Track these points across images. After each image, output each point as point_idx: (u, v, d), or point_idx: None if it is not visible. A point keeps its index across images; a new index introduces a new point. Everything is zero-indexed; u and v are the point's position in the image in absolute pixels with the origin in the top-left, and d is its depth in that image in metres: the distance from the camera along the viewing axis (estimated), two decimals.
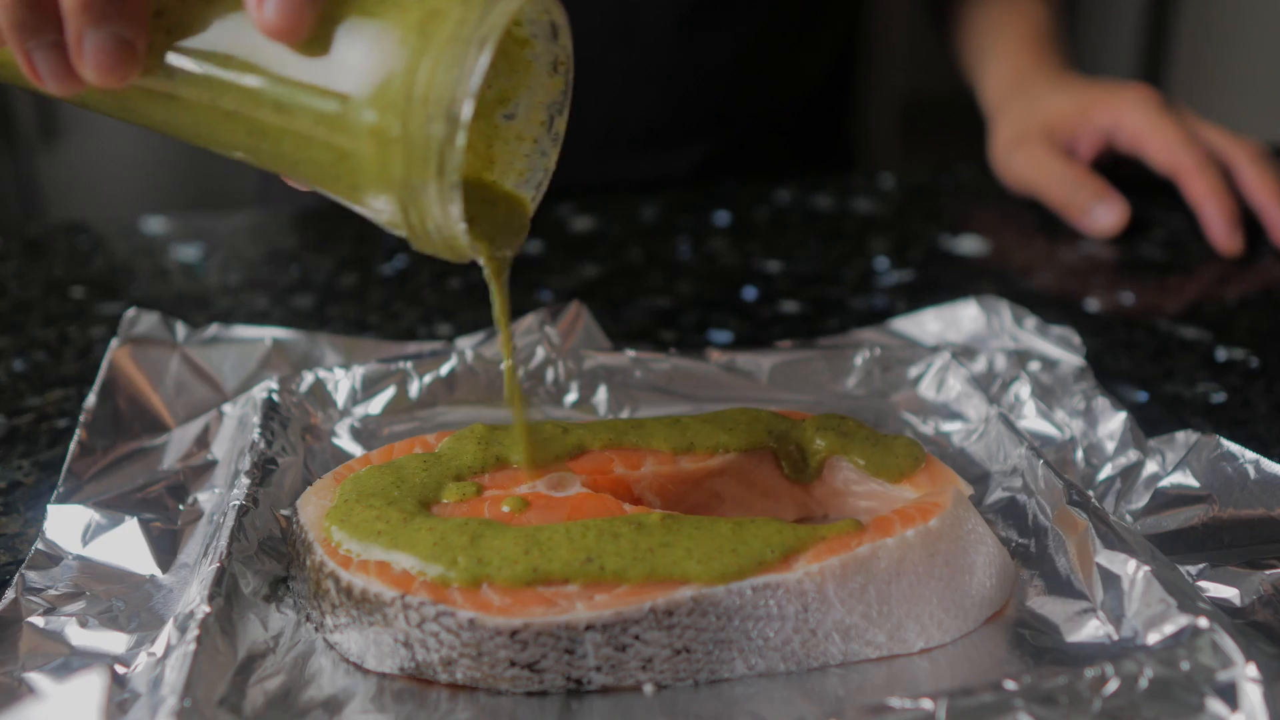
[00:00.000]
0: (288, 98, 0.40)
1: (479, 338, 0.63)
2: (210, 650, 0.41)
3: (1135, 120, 0.90)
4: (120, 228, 0.92)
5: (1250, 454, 0.51)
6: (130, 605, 0.46)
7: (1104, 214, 0.89)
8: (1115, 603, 0.44)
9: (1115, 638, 0.44)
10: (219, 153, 0.44)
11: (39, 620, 0.44)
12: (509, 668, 0.42)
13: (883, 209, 0.97)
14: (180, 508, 0.52)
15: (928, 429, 0.61)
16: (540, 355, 0.62)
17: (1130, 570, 0.44)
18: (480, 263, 0.46)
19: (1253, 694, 0.38)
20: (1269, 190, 0.87)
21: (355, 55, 0.39)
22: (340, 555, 0.45)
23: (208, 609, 0.42)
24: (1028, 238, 0.91)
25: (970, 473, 0.56)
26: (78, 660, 0.43)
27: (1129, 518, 0.51)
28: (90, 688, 0.39)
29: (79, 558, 0.48)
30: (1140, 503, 0.52)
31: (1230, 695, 0.39)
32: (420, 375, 0.60)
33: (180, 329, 0.63)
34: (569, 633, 0.42)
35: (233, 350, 0.63)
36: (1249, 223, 0.87)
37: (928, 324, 0.69)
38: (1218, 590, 0.46)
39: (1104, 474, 0.55)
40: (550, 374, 0.61)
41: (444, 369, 0.61)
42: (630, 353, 0.62)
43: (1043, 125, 0.95)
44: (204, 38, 0.41)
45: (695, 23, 1.00)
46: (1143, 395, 0.65)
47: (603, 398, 0.61)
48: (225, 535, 0.46)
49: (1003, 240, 0.91)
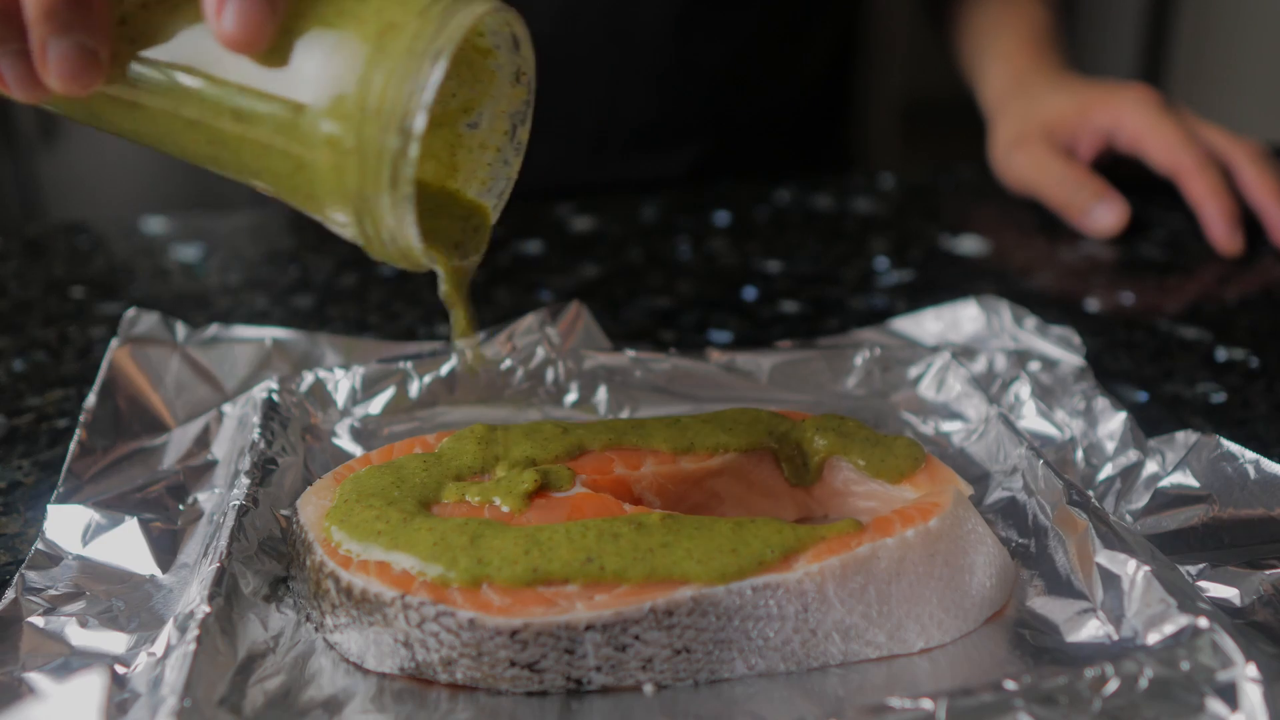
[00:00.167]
0: (246, 107, 0.41)
1: (479, 337, 0.63)
2: (210, 650, 0.41)
3: (1135, 120, 0.91)
4: (120, 228, 0.92)
5: (1250, 454, 0.51)
6: (130, 605, 0.46)
7: (1104, 214, 0.89)
8: (1115, 603, 0.44)
9: (1115, 638, 0.44)
10: (185, 160, 0.44)
11: (39, 620, 0.44)
12: (509, 668, 0.42)
13: (883, 209, 0.97)
14: (180, 508, 0.52)
15: (928, 429, 0.61)
16: (540, 355, 0.62)
17: (1130, 570, 0.44)
18: (438, 272, 0.47)
19: (1253, 694, 0.38)
20: (1269, 190, 0.87)
21: (313, 66, 0.40)
22: (340, 555, 0.45)
23: (208, 609, 0.42)
24: (1028, 238, 0.91)
25: (970, 473, 0.56)
26: (78, 660, 0.43)
27: (1129, 518, 0.51)
28: (90, 688, 0.39)
29: (79, 558, 0.48)
30: (1140, 503, 0.52)
31: (1230, 695, 0.39)
32: (420, 375, 0.60)
33: (180, 329, 0.63)
34: (569, 633, 0.42)
35: (233, 350, 0.63)
36: (1249, 223, 0.87)
37: (928, 324, 0.69)
38: (1218, 590, 0.46)
39: (1104, 474, 0.55)
40: (550, 374, 0.61)
41: (444, 369, 0.61)
42: (630, 353, 0.62)
43: (1042, 125, 0.95)
44: (166, 47, 0.41)
45: (691, 23, 1.00)
46: (1143, 395, 0.65)
47: (603, 398, 0.61)
48: (225, 535, 0.46)
49: (1003, 240, 0.91)
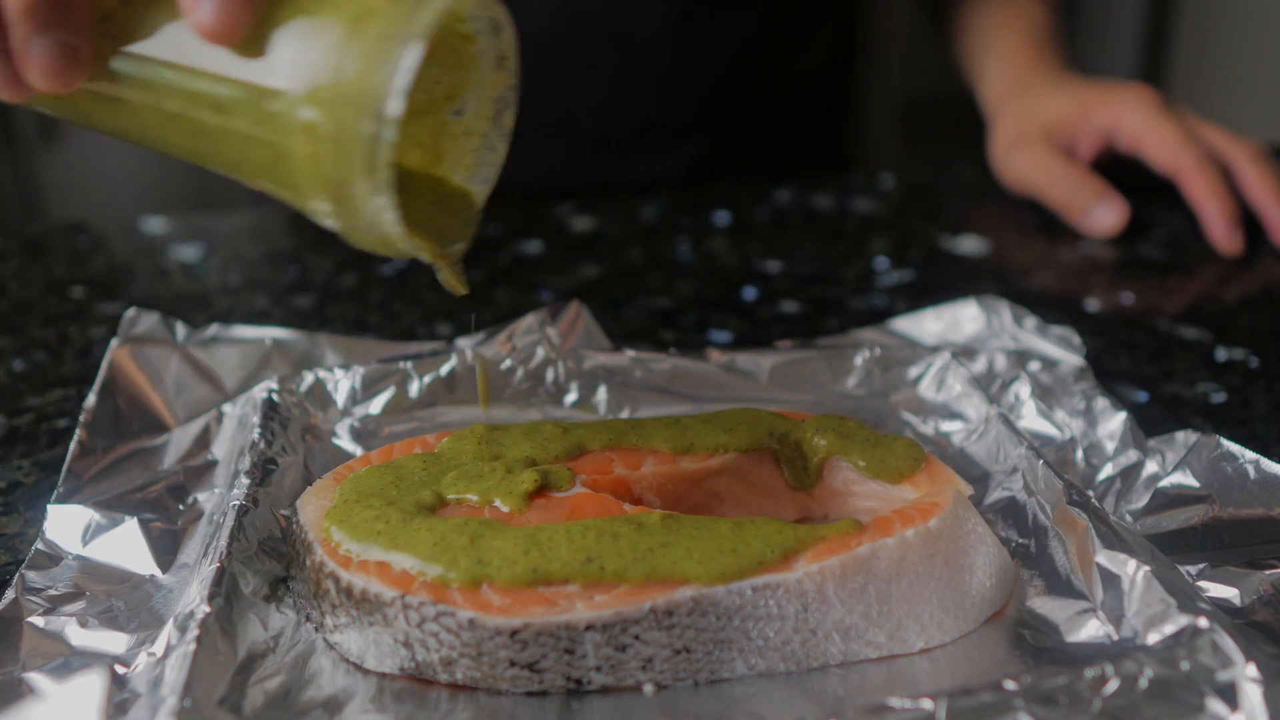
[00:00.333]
0: (225, 97, 0.41)
1: (479, 338, 0.63)
2: (210, 650, 0.41)
3: (1135, 120, 0.91)
4: (120, 228, 0.92)
5: (1250, 454, 0.51)
6: (130, 605, 0.46)
7: (1104, 214, 0.89)
8: (1115, 603, 0.44)
9: (1115, 638, 0.44)
10: (170, 154, 0.44)
11: (39, 620, 0.44)
12: (509, 668, 0.42)
13: (883, 209, 0.97)
14: (180, 508, 0.52)
15: (928, 429, 0.61)
16: (540, 355, 0.62)
17: (1130, 570, 0.44)
18: (423, 260, 0.46)
19: (1253, 694, 0.38)
20: (1269, 190, 0.87)
21: (289, 54, 0.40)
22: (340, 555, 0.45)
23: (208, 609, 0.42)
24: (1028, 238, 0.91)
25: (970, 473, 0.56)
26: (78, 660, 0.43)
27: (1129, 518, 0.51)
28: (90, 688, 0.39)
29: (79, 558, 0.48)
30: (1140, 503, 0.52)
31: (1230, 695, 0.39)
32: (420, 375, 0.60)
33: (180, 329, 0.63)
34: (569, 633, 0.42)
35: (233, 350, 0.63)
36: (1249, 223, 0.87)
37: (928, 324, 0.69)
38: (1218, 590, 0.46)
39: (1104, 474, 0.55)
40: (550, 374, 0.61)
41: (444, 369, 0.61)
42: (630, 353, 0.62)
43: (1042, 126, 0.95)
44: (147, 42, 0.42)
45: (691, 23, 1.00)
46: (1143, 395, 0.65)
47: (603, 398, 0.61)
48: (225, 535, 0.46)
49: (1003, 240, 0.91)
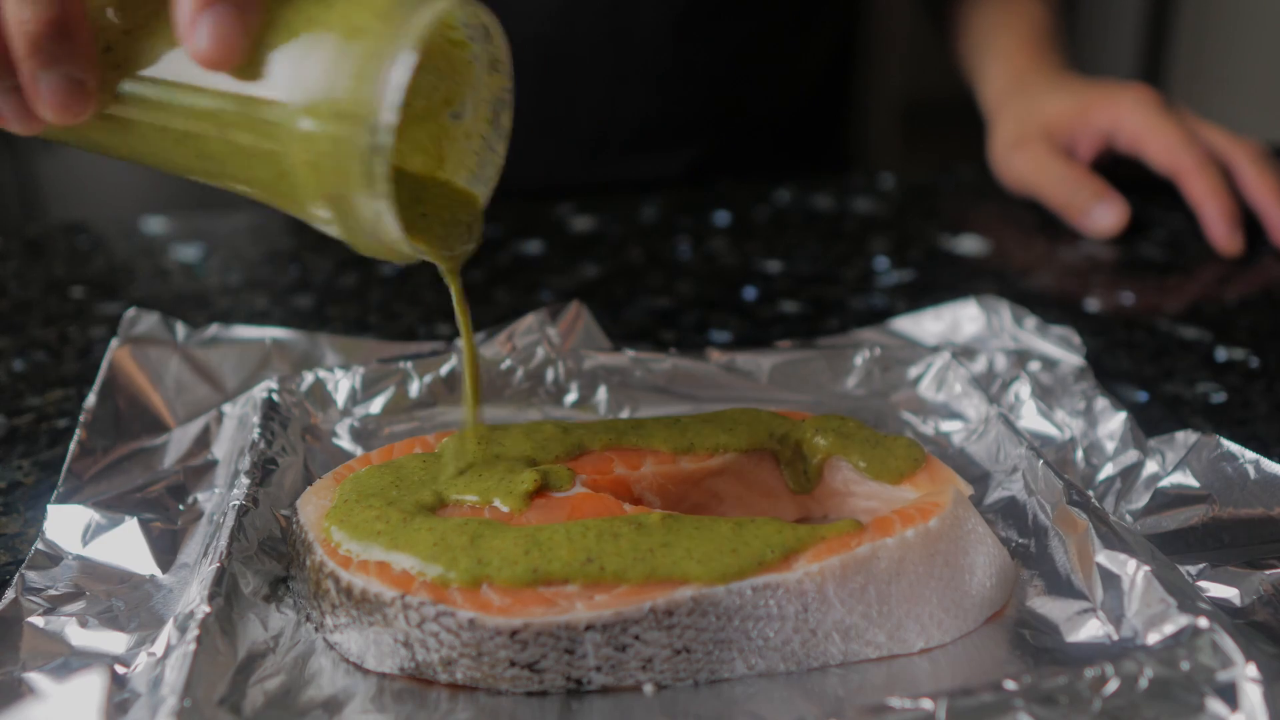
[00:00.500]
0: (228, 121, 0.42)
1: (479, 338, 0.63)
2: (210, 650, 0.41)
3: (1135, 120, 0.91)
4: (120, 228, 0.92)
5: (1250, 454, 0.51)
6: (130, 605, 0.46)
7: (1104, 214, 0.89)
8: (1115, 603, 0.44)
9: (1115, 638, 0.44)
10: (178, 175, 0.45)
11: (39, 620, 0.44)
12: (509, 668, 0.42)
13: (883, 209, 0.97)
14: (180, 508, 0.52)
15: (928, 429, 0.61)
16: (540, 355, 0.62)
17: (1130, 570, 0.44)
18: (430, 260, 0.47)
19: (1253, 694, 0.38)
20: (1269, 190, 0.87)
21: (285, 76, 0.40)
22: (340, 555, 0.45)
23: (208, 609, 0.42)
24: (1028, 238, 0.91)
25: (970, 473, 0.56)
26: (78, 660, 0.43)
27: (1129, 518, 0.51)
28: (90, 688, 0.39)
29: (79, 558, 0.48)
30: (1140, 503, 0.52)
31: (1230, 695, 0.39)
32: (420, 375, 0.60)
33: (180, 329, 0.63)
34: (569, 633, 0.42)
35: (233, 350, 0.63)
36: (1249, 223, 0.87)
37: (928, 324, 0.69)
38: (1218, 590, 0.46)
39: (1104, 474, 0.55)
40: (550, 374, 0.61)
41: (444, 369, 0.61)
42: (630, 353, 0.62)
43: (1042, 126, 0.95)
44: (150, 70, 0.43)
45: (692, 23, 1.00)
46: (1143, 395, 0.65)
47: (603, 398, 0.61)
48: (225, 535, 0.46)
49: (1003, 240, 0.91)
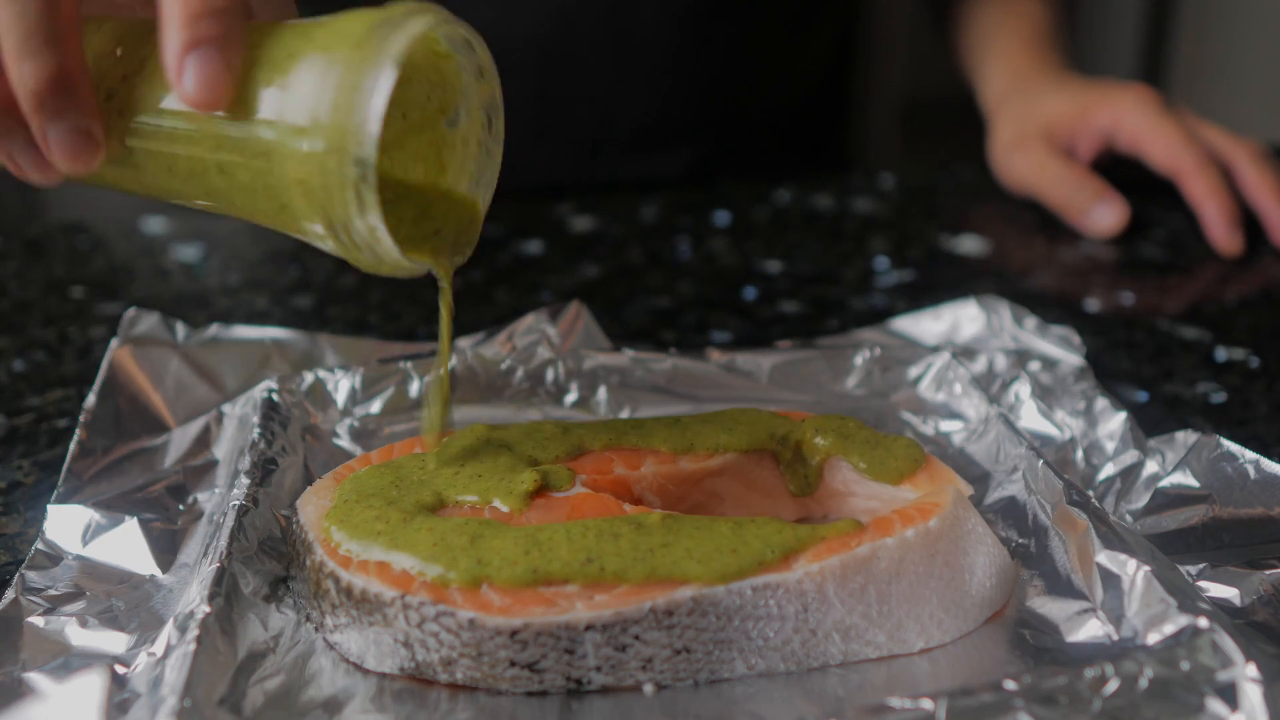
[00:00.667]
0: (226, 160, 0.43)
1: (479, 338, 0.63)
2: (210, 650, 0.41)
3: (1135, 120, 0.91)
4: (120, 228, 0.92)
5: (1250, 454, 0.51)
6: (130, 605, 0.46)
7: (1104, 214, 0.89)
8: (1115, 603, 0.44)
9: (1115, 638, 0.44)
10: (193, 209, 0.47)
11: (39, 620, 0.44)
12: (509, 668, 0.42)
13: (883, 209, 0.97)
14: (180, 508, 0.52)
15: (928, 429, 0.61)
16: (540, 355, 0.62)
17: (1130, 570, 0.44)
18: (433, 273, 0.49)
19: (1253, 694, 0.38)
20: (1269, 191, 0.87)
21: (272, 111, 0.41)
22: (340, 555, 0.45)
23: (208, 609, 0.42)
24: (1028, 238, 0.91)
25: (970, 473, 0.56)
26: (78, 660, 0.43)
27: (1129, 518, 0.51)
28: (90, 688, 0.39)
29: (79, 558, 0.48)
30: (1140, 503, 0.52)
31: (1230, 695, 0.39)
32: (420, 375, 0.60)
33: (180, 329, 0.63)
34: (569, 633, 0.42)
35: (233, 350, 0.63)
36: (1249, 223, 0.87)
37: (928, 324, 0.69)
38: (1218, 590, 0.46)
39: (1104, 474, 0.55)
40: (550, 374, 0.61)
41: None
42: (630, 353, 0.62)
43: (1042, 126, 0.95)
44: (150, 112, 0.44)
45: (692, 23, 1.00)
46: (1143, 395, 0.65)
47: (603, 398, 0.61)
48: (225, 535, 0.46)
49: (1003, 240, 0.91)
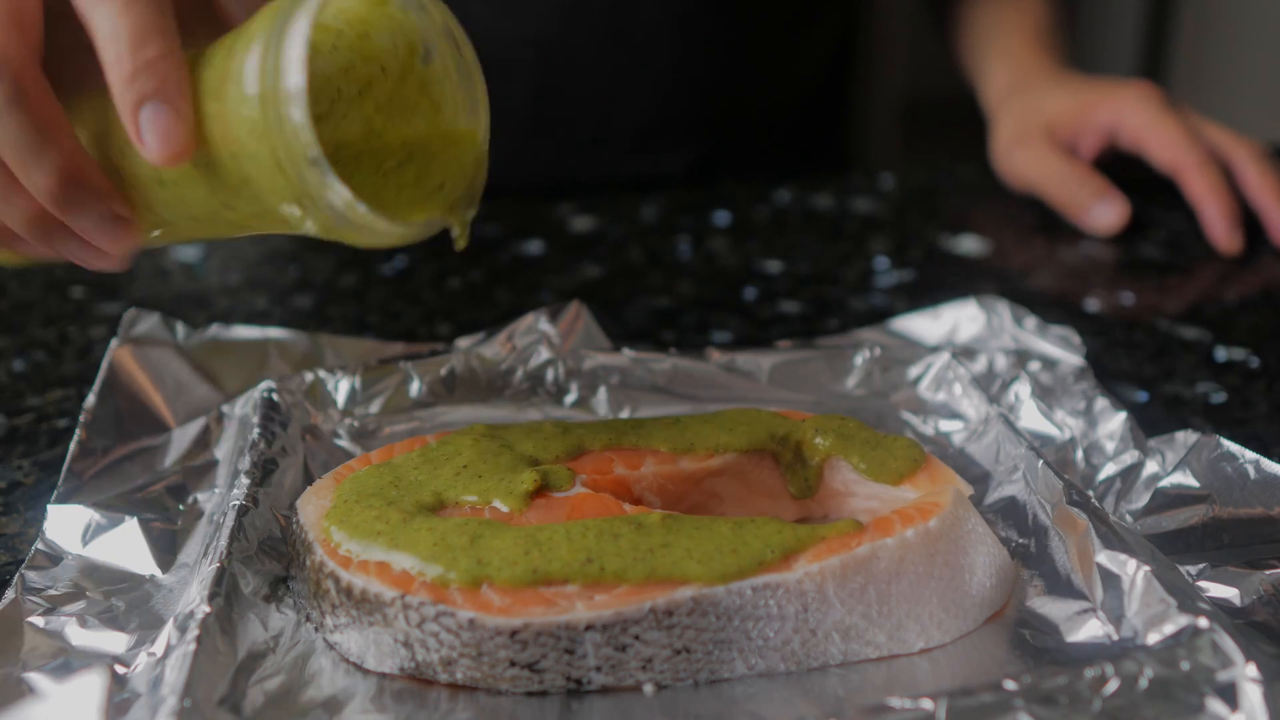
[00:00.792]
0: (225, 201, 0.43)
1: (479, 338, 0.63)
2: (210, 650, 0.41)
3: (1137, 117, 0.91)
4: None
5: (1250, 454, 0.51)
6: (130, 605, 0.46)
7: (1105, 212, 0.89)
8: (1115, 603, 0.44)
9: (1115, 638, 0.44)
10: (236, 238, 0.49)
11: (39, 620, 0.44)
12: (509, 668, 0.42)
13: (883, 209, 0.97)
14: (180, 508, 0.52)
15: (928, 429, 0.61)
16: (540, 355, 0.62)
17: (1130, 570, 0.44)
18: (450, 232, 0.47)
19: (1253, 694, 0.38)
20: (1270, 190, 0.87)
21: (229, 134, 0.41)
22: (340, 555, 0.45)
23: (208, 609, 0.42)
24: (1028, 238, 0.91)
25: (970, 473, 0.56)
26: (78, 660, 0.43)
27: (1129, 518, 0.51)
28: (90, 688, 0.39)
29: (79, 558, 0.48)
30: (1140, 503, 0.52)
31: (1230, 695, 0.39)
32: (420, 375, 0.60)
33: (180, 329, 0.63)
34: (569, 633, 0.42)
35: (233, 350, 0.63)
36: (1249, 223, 0.87)
37: (928, 324, 0.69)
38: (1218, 590, 0.46)
39: (1104, 474, 0.55)
40: (550, 374, 0.61)
41: (444, 369, 0.61)
42: (630, 353, 0.62)
43: (1044, 124, 0.95)
44: (150, 178, 0.45)
45: (693, 23, 1.00)
46: (1143, 395, 0.65)
47: (603, 398, 0.61)
48: (225, 535, 0.46)
49: (1003, 240, 0.91)
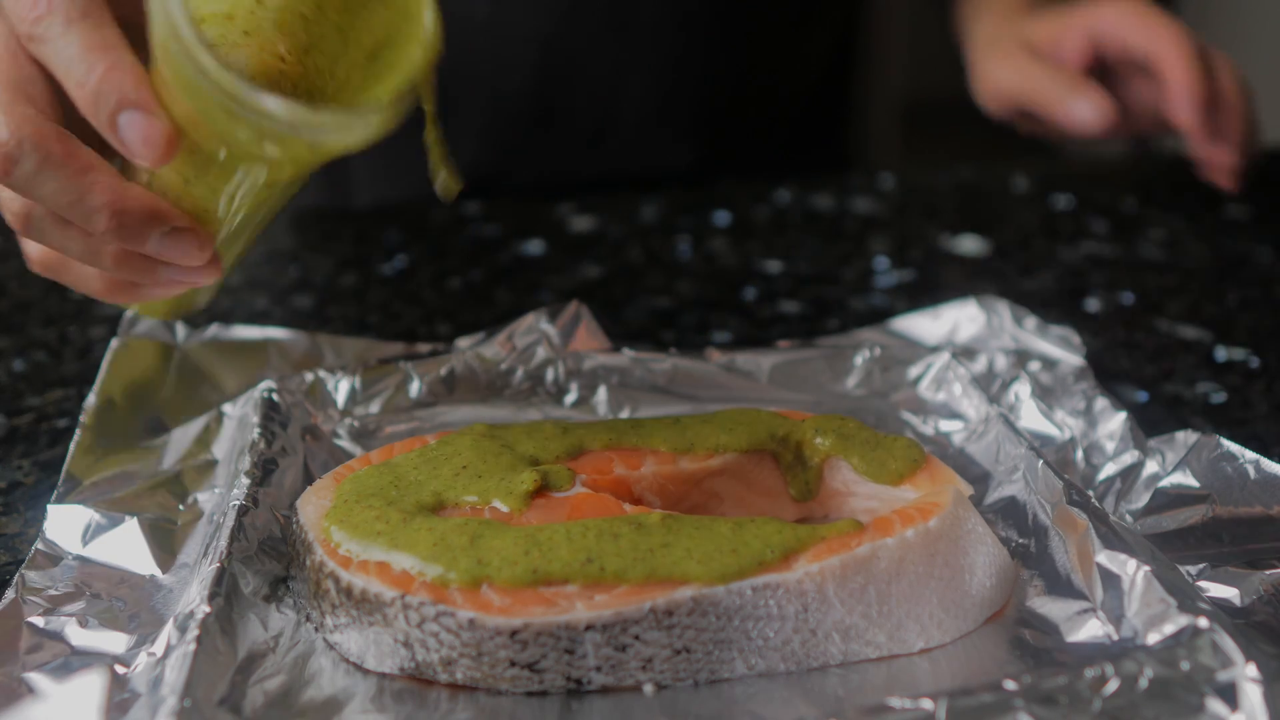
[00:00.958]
0: (240, 172, 0.45)
1: (479, 337, 0.63)
2: (210, 650, 0.41)
3: (1117, 12, 0.87)
4: None
5: (1250, 454, 0.51)
6: (130, 605, 0.46)
7: (1086, 107, 0.85)
8: (1115, 603, 0.44)
9: (1115, 638, 0.44)
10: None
11: (39, 620, 0.44)
12: (509, 668, 0.42)
13: (883, 209, 0.97)
14: (180, 508, 0.52)
15: (928, 429, 0.61)
16: (540, 355, 0.62)
17: (1130, 570, 0.44)
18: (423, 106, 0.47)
19: (1253, 694, 0.38)
20: (1235, 99, 0.84)
21: (197, 118, 0.42)
22: (340, 555, 0.45)
23: (208, 609, 0.42)
24: (1028, 238, 0.91)
25: (970, 473, 0.56)
26: (78, 660, 0.43)
27: (1129, 518, 0.51)
28: (90, 688, 0.39)
29: (79, 558, 0.48)
30: (1140, 503, 0.52)
31: (1230, 695, 0.39)
32: (420, 375, 0.60)
33: (180, 329, 0.63)
34: (569, 633, 0.42)
35: (233, 350, 0.63)
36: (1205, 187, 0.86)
37: (928, 324, 0.69)
38: (1218, 590, 0.46)
39: (1104, 474, 0.55)
40: (550, 374, 0.61)
41: (444, 369, 0.61)
42: (630, 353, 0.62)
43: (1025, 42, 0.91)
44: (178, 184, 0.46)
45: (693, 21, 1.00)
46: (1143, 395, 0.65)
47: (603, 398, 0.61)
48: (225, 535, 0.46)
49: (1003, 240, 0.91)
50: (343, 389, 0.59)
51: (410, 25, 0.47)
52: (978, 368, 0.63)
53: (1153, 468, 0.53)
